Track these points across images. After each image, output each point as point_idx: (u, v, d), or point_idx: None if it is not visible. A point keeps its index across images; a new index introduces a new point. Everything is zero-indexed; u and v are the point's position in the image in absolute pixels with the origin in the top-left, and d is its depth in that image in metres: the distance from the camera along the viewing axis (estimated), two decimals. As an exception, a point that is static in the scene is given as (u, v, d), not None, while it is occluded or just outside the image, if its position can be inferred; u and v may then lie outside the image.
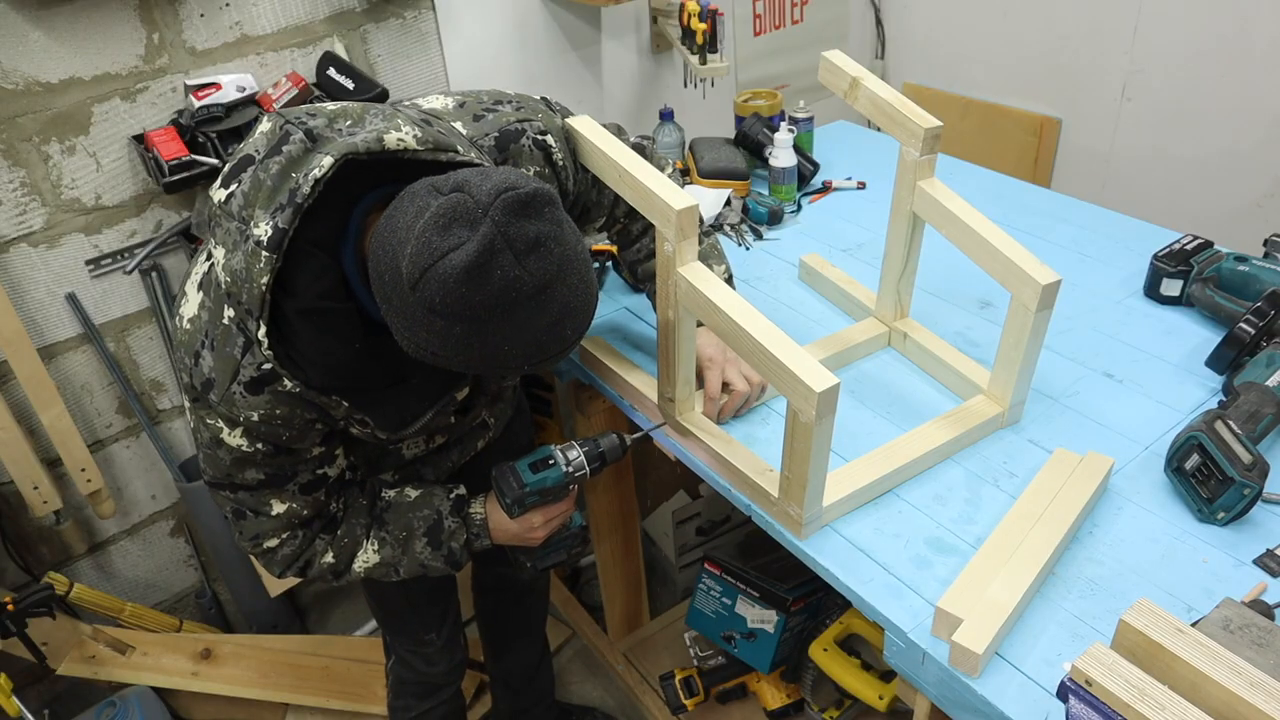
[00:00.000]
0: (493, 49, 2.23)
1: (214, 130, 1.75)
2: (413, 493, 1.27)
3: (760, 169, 2.05)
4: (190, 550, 2.26)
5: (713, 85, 2.60)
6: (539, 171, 1.16)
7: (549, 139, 1.16)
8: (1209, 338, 1.44)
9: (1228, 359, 1.33)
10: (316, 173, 0.92)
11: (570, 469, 1.21)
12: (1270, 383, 1.23)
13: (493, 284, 0.86)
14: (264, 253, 0.93)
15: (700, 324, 1.20)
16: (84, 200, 1.80)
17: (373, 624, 2.37)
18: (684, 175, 2.01)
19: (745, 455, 1.25)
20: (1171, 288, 1.53)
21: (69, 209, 1.79)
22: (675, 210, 1.09)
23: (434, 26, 2.11)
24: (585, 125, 1.21)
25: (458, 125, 1.11)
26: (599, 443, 1.23)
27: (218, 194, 0.99)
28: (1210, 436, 1.13)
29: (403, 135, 0.98)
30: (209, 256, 1.04)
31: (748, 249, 1.82)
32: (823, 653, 1.60)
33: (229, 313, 1.00)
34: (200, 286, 1.04)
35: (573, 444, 1.23)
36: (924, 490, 1.23)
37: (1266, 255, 1.50)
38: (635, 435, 1.27)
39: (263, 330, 0.96)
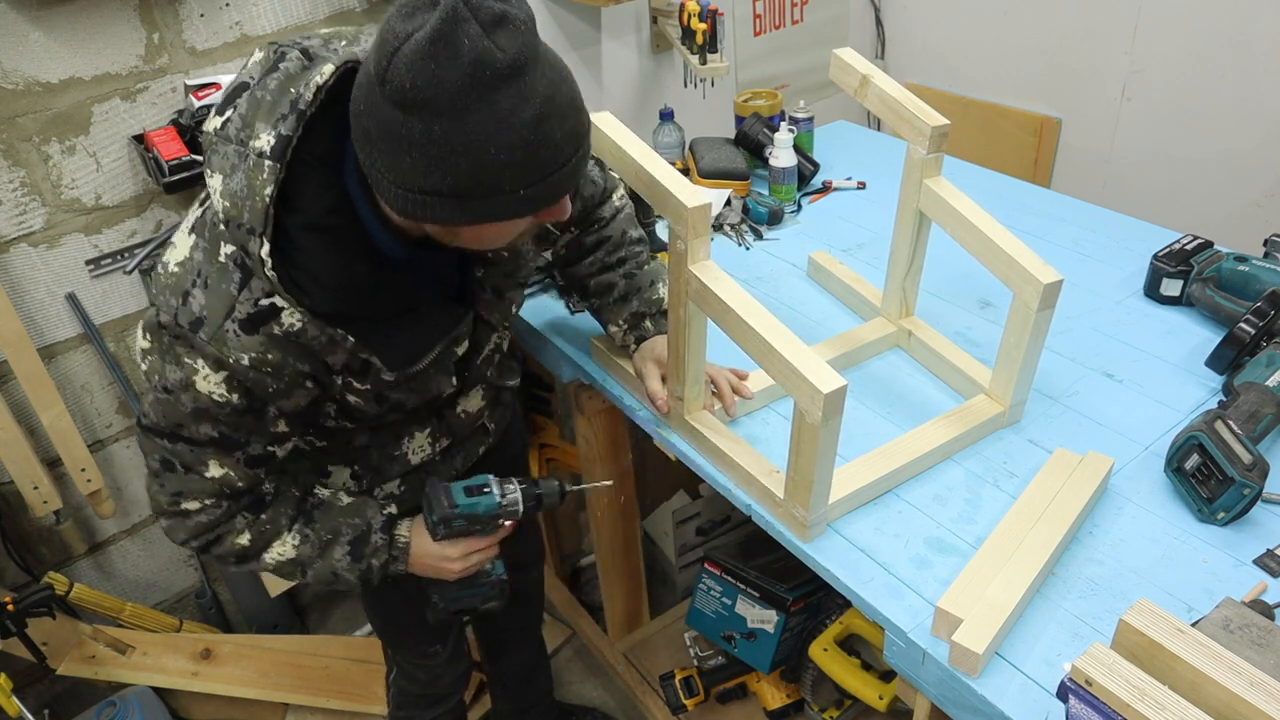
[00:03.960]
0: (493, 49, 2.23)
1: (214, 130, 1.75)
2: (346, 498, 1.23)
3: (760, 169, 2.05)
4: (190, 550, 2.26)
5: (713, 85, 2.60)
6: None
7: None
8: (1209, 338, 1.44)
9: (1228, 359, 1.33)
10: (319, 79, 0.91)
11: (504, 501, 1.19)
12: (1270, 383, 1.23)
13: (461, 55, 0.80)
14: (267, 162, 0.90)
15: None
16: (84, 200, 1.80)
17: (373, 624, 2.37)
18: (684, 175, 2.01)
19: (752, 456, 1.25)
20: (1171, 288, 1.53)
21: (69, 209, 1.79)
22: (688, 208, 1.10)
23: (434, 26, 2.11)
24: (606, 121, 1.22)
25: None
26: (539, 485, 1.22)
27: (212, 123, 0.96)
28: (1210, 436, 1.13)
29: None
30: (203, 201, 1.01)
31: (748, 249, 1.82)
32: (823, 653, 1.60)
33: (226, 250, 0.96)
34: (193, 229, 1.01)
35: (513, 480, 1.21)
36: (924, 490, 1.23)
37: (1266, 255, 1.50)
38: (576, 487, 1.26)
39: (265, 247, 0.91)
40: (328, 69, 0.92)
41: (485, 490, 1.19)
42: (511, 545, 1.32)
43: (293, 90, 0.92)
